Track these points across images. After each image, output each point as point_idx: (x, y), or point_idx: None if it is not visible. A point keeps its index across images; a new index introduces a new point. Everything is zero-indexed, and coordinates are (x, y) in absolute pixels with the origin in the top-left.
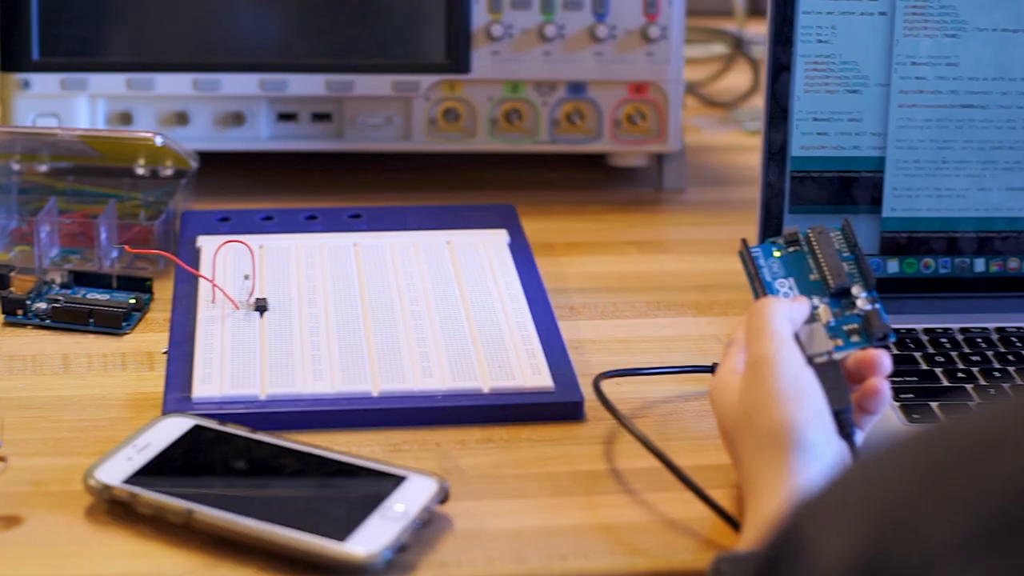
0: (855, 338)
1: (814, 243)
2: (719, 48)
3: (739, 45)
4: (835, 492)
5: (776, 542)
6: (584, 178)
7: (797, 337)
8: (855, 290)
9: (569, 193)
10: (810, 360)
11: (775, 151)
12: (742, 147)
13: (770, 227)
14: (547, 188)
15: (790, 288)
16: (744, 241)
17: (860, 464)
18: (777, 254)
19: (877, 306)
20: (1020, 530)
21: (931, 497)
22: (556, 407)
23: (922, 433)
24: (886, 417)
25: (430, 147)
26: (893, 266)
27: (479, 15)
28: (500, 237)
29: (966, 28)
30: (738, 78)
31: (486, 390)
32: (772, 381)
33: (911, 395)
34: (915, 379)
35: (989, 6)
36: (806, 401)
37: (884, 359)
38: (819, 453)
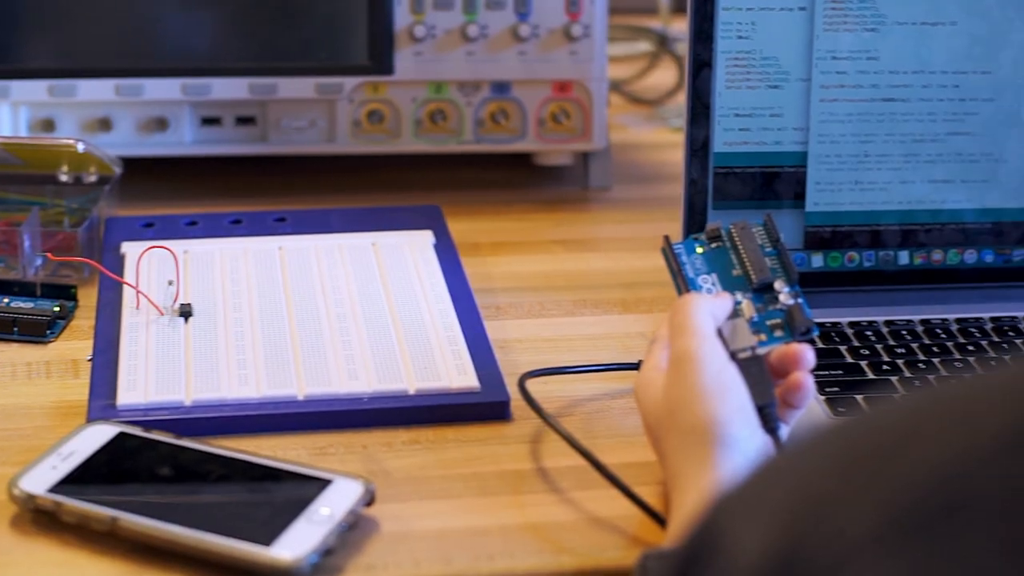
0: (778, 333)
1: (736, 239)
2: (644, 46)
3: (664, 42)
4: (752, 487)
5: (695, 538)
6: (510, 177)
7: (720, 333)
8: (778, 285)
9: (495, 193)
10: (733, 356)
11: (698, 148)
12: (668, 144)
13: (694, 223)
14: (473, 188)
15: (713, 284)
16: (666, 238)
17: (777, 459)
18: (700, 250)
19: (800, 300)
20: (932, 524)
21: (845, 492)
22: (482, 407)
23: (838, 427)
24: (812, 411)
25: (355, 149)
26: (818, 260)
27: (401, 16)
28: (425, 238)
29: (886, 22)
30: (663, 75)
31: (412, 391)
32: (695, 377)
33: (836, 388)
34: (840, 372)
35: (908, 0)
36: (729, 396)
37: (807, 353)
38: (742, 448)
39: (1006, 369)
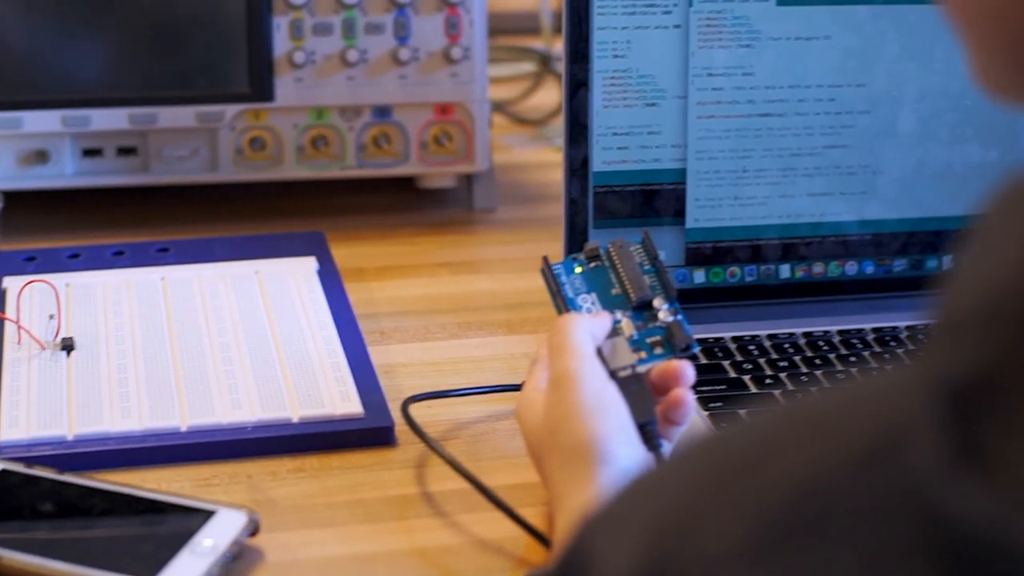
0: (658, 350)
1: (615, 257)
2: (528, 66)
3: (547, 62)
4: (621, 506)
5: (567, 558)
6: (394, 201)
7: (600, 352)
8: (657, 302)
9: (379, 217)
10: (613, 374)
11: (577, 167)
12: (552, 164)
13: (575, 243)
14: (357, 213)
15: (592, 303)
16: (545, 259)
17: (644, 477)
18: (579, 270)
19: (679, 317)
20: (794, 537)
21: (710, 508)
22: (366, 433)
23: (703, 444)
24: (696, 427)
25: (237, 177)
26: (700, 276)
27: (281, 42)
28: (309, 265)
29: (760, 38)
30: (547, 95)
31: (296, 419)
32: (574, 397)
33: (719, 403)
34: (723, 387)
35: (781, 16)
36: (609, 415)
37: (687, 370)
38: (624, 466)
39: (865, 381)
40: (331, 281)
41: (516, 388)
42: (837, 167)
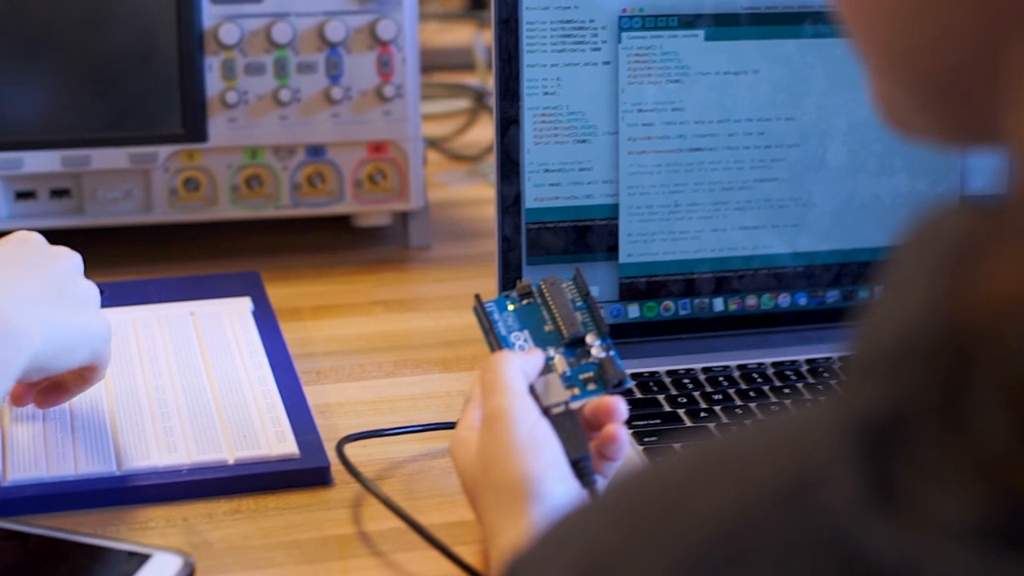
0: (591, 386)
1: (547, 294)
2: (462, 102)
3: (481, 99)
4: (546, 544)
5: None
6: (329, 240)
7: (533, 389)
8: (589, 338)
9: (315, 256)
10: (546, 411)
11: (509, 204)
12: (488, 200)
13: (509, 280)
14: (293, 252)
15: (525, 341)
16: (477, 297)
17: (568, 517)
18: (511, 307)
19: (612, 353)
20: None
21: (631, 547)
22: (302, 474)
23: (627, 482)
24: (631, 461)
25: (172, 218)
26: (634, 311)
27: (213, 83)
28: (244, 305)
29: (689, 73)
30: (482, 131)
31: (231, 461)
32: (507, 435)
33: (655, 437)
34: (658, 421)
35: (710, 51)
36: (542, 452)
37: (620, 405)
38: (557, 503)
39: (782, 419)
40: (266, 321)
41: (451, 426)
42: (768, 200)
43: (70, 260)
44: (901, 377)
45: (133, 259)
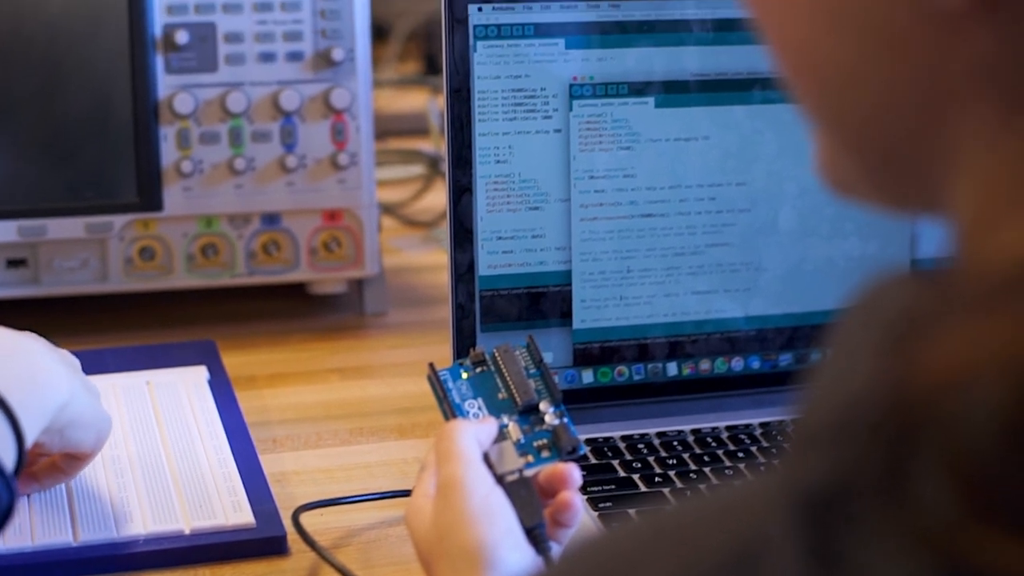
0: (545, 453)
1: (500, 362)
2: (417, 168)
3: (435, 165)
4: None
5: None
6: (285, 307)
7: (487, 457)
8: (543, 406)
9: (271, 324)
10: (501, 479)
11: (463, 272)
12: (443, 266)
13: (463, 347)
14: (249, 320)
15: (479, 408)
16: (431, 365)
17: None
18: (465, 376)
19: (565, 420)
20: None
21: None
22: (258, 543)
23: (574, 554)
24: (586, 528)
25: (128, 287)
26: (588, 376)
27: (168, 152)
28: (200, 374)
29: (640, 140)
30: (437, 197)
31: (187, 531)
32: (462, 503)
33: (609, 503)
34: (613, 487)
35: (660, 118)
36: (496, 520)
37: (574, 472)
38: (512, 571)
39: (729, 487)
40: (222, 390)
41: (407, 494)
42: (720, 265)
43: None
44: (844, 449)
45: (89, 328)
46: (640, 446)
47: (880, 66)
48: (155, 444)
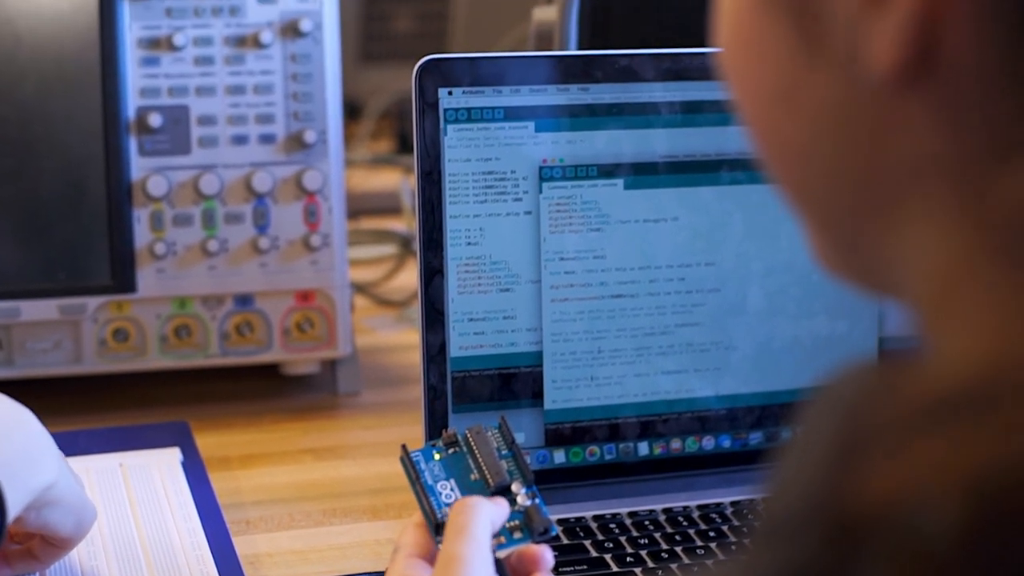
0: (517, 535)
1: (472, 443)
2: (389, 248)
3: (408, 244)
4: None
5: None
6: (258, 388)
7: None
8: (515, 487)
9: (244, 404)
10: None
11: (434, 353)
12: (416, 345)
13: (435, 428)
14: (222, 401)
15: (452, 490)
16: (404, 447)
17: None
18: (438, 457)
19: (537, 501)
20: None
21: None
22: None
23: None
24: None
25: (101, 368)
26: (560, 456)
27: (142, 234)
28: (173, 456)
29: (609, 221)
30: (410, 276)
31: None
32: None
33: None
34: (585, 567)
35: (629, 199)
36: None
37: (546, 554)
38: None
39: None
40: (195, 471)
41: None
42: (690, 345)
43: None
44: (798, 546)
45: (62, 410)
46: (612, 526)
47: (829, 145)
48: (128, 527)
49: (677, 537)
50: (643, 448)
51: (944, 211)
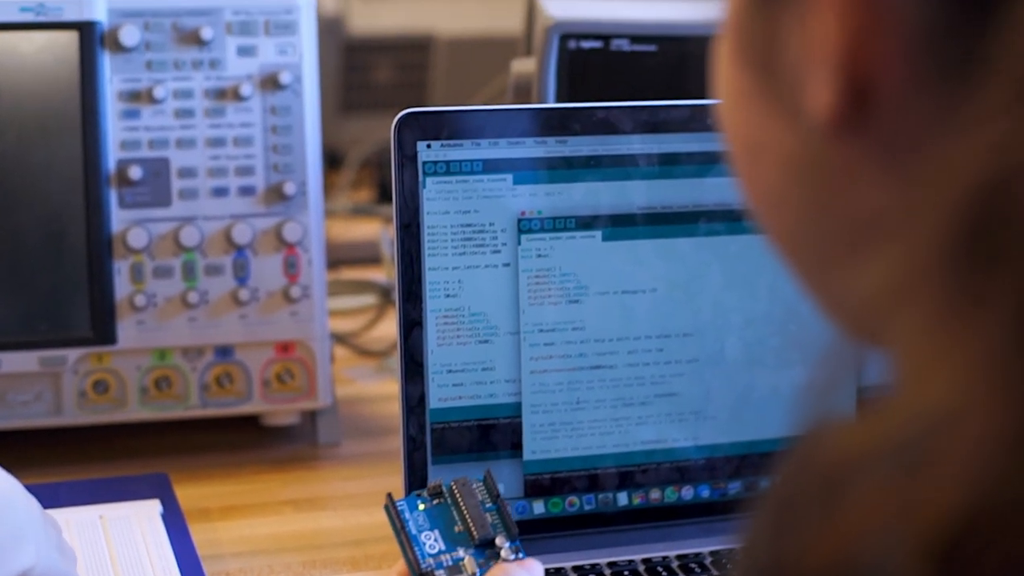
0: None
1: (458, 495)
2: (369, 298)
3: (388, 294)
4: None
5: None
6: (238, 439)
7: None
8: (499, 540)
9: (224, 456)
10: None
11: (414, 405)
12: (397, 396)
13: (415, 479)
14: (202, 452)
15: (436, 540)
16: (389, 496)
17: None
18: (422, 507)
19: (520, 555)
20: None
21: None
22: None
23: None
24: None
25: (81, 420)
26: (539, 507)
27: (122, 286)
28: (153, 508)
29: (588, 293)
30: (390, 326)
31: None
32: None
33: None
34: None
35: (607, 270)
36: None
37: None
38: None
39: None
40: (176, 523)
41: None
42: (669, 395)
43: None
44: None
45: (43, 462)
46: None
47: (797, 194)
48: None
49: None
50: (622, 498)
51: (896, 259)
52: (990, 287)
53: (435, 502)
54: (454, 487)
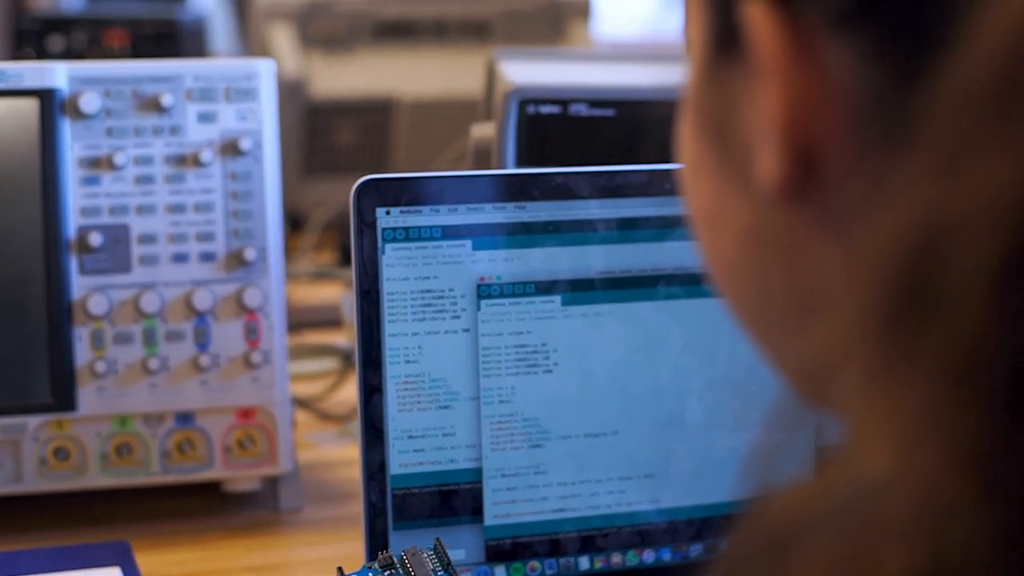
0: None
1: (408, 565)
2: (331, 362)
3: (349, 359)
4: None
5: None
6: (199, 506)
7: None
8: None
9: (185, 523)
10: None
11: (375, 471)
12: (358, 461)
13: (375, 546)
14: (163, 519)
15: None
16: (340, 570)
17: None
18: None
19: None
20: None
21: None
22: None
23: None
24: None
25: (42, 487)
26: (501, 572)
27: (82, 352)
28: None
29: (548, 357)
30: (352, 390)
31: None
32: None
33: None
34: None
35: (567, 335)
36: None
37: None
38: None
39: None
40: None
41: None
42: (630, 459)
43: None
44: None
45: (2, 530)
46: None
47: (754, 264)
48: None
49: None
50: (584, 562)
51: (836, 322)
52: (921, 347)
53: (386, 574)
54: (404, 557)
